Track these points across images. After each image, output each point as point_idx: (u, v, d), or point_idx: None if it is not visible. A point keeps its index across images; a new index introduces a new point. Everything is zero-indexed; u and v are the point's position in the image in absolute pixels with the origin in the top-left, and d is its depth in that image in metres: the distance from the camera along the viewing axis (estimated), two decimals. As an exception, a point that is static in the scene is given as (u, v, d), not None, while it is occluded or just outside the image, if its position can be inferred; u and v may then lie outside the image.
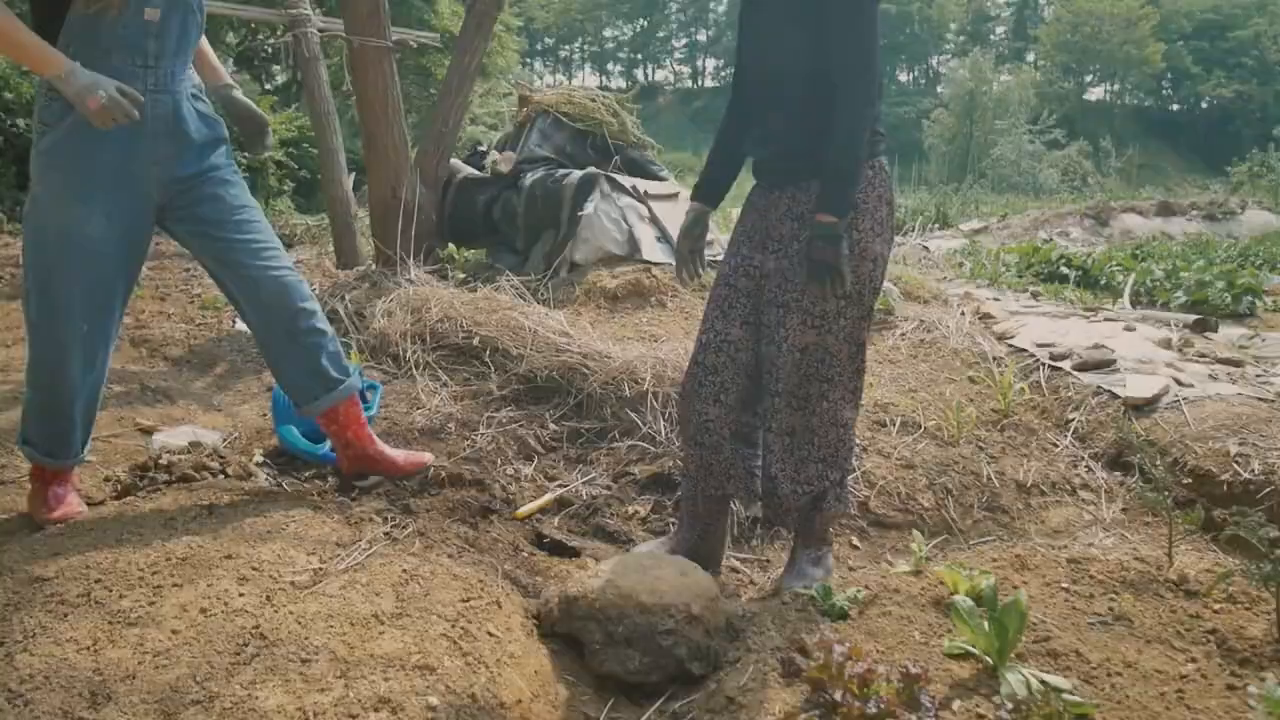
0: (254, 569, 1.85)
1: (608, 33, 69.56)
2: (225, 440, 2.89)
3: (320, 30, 5.62)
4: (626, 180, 5.22)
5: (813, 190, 2.09)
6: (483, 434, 3.04)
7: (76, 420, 2.19)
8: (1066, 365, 3.84)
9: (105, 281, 2.12)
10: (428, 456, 2.56)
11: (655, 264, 4.79)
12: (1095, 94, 57.38)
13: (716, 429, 2.27)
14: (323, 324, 2.34)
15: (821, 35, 2.01)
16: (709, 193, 2.39)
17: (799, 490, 2.23)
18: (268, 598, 1.76)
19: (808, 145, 2.07)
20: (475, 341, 3.63)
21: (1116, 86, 56.30)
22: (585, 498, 2.79)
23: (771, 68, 2.14)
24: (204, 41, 2.36)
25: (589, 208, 4.89)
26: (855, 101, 2.01)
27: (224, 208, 2.21)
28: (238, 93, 2.38)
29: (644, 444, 3.03)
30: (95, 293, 2.10)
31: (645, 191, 5.19)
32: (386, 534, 2.14)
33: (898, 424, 3.23)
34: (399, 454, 2.52)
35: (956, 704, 1.57)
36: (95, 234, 2.05)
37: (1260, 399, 3.32)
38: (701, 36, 68.00)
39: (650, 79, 67.67)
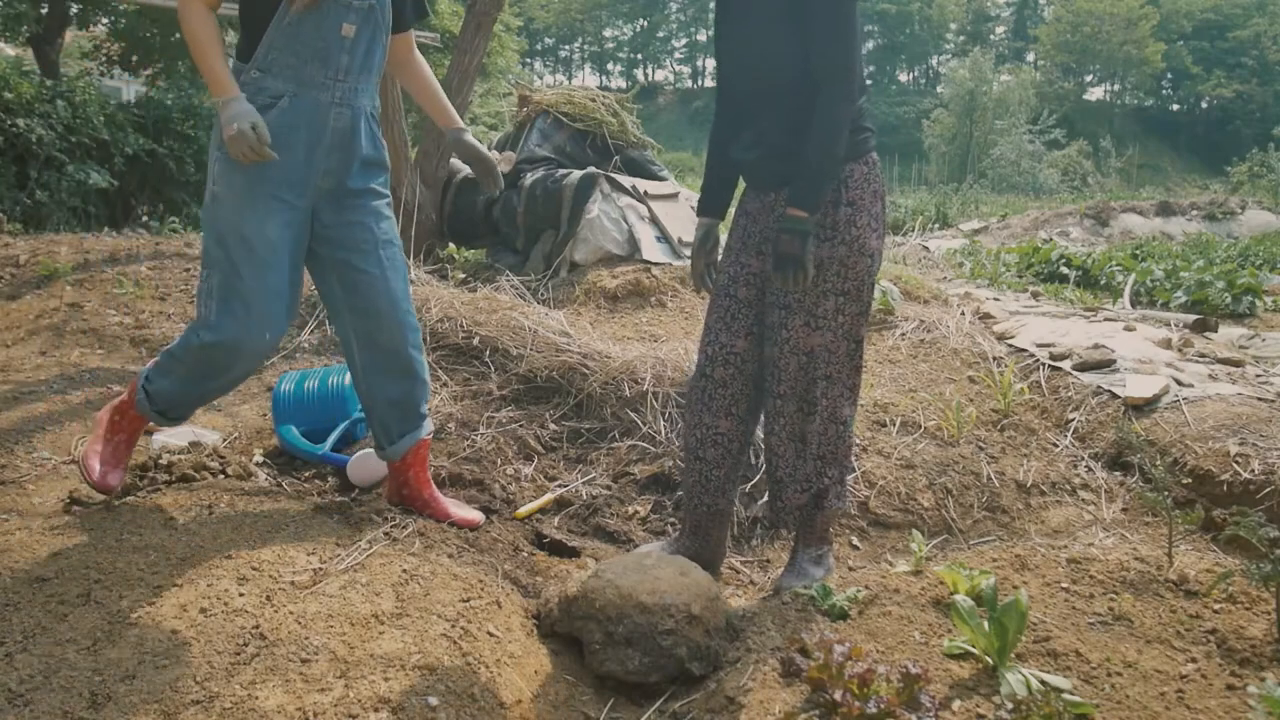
0: (254, 569, 1.85)
1: (608, 33, 69.60)
2: (225, 440, 2.88)
3: (320, 30, 5.61)
4: (626, 180, 5.22)
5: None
6: (483, 434, 3.04)
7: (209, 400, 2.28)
8: (1066, 365, 3.84)
9: (282, 285, 2.12)
10: (479, 517, 2.46)
11: (655, 264, 4.79)
12: (1095, 94, 57.42)
13: (726, 443, 2.27)
14: (424, 371, 2.35)
15: (801, 36, 2.01)
16: (714, 204, 2.38)
17: (799, 489, 2.23)
18: (268, 598, 1.76)
19: (798, 145, 2.06)
20: (475, 341, 3.63)
21: (1116, 86, 56.33)
22: (585, 498, 2.79)
23: (753, 72, 2.14)
24: (437, 85, 2.46)
25: (593, 210, 4.90)
26: (835, 99, 2.01)
27: (372, 239, 2.22)
28: (468, 135, 2.43)
29: (644, 444, 3.03)
30: (272, 296, 2.10)
31: (645, 191, 5.20)
32: (386, 534, 2.14)
33: (898, 424, 3.23)
34: (451, 504, 2.45)
35: (956, 704, 1.57)
36: (273, 236, 2.08)
37: (1260, 399, 3.32)
38: (701, 36, 67.97)
39: (650, 79, 67.70)
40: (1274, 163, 25.08)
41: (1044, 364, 3.91)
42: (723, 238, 2.39)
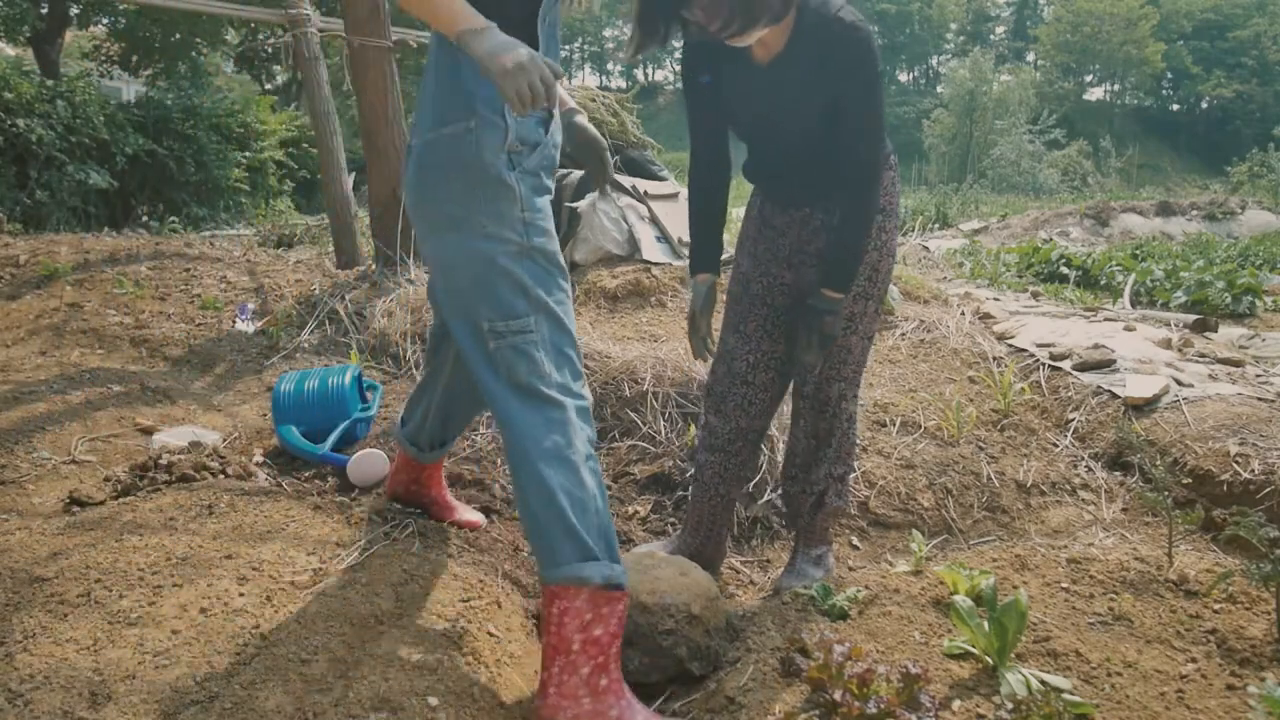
0: (254, 569, 1.85)
1: (608, 33, 69.58)
2: (225, 440, 2.88)
3: (320, 30, 5.62)
4: (626, 180, 5.22)
5: (835, 203, 2.09)
6: (482, 434, 3.03)
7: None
8: (1066, 365, 3.84)
9: None
10: (479, 519, 2.36)
11: (655, 264, 4.79)
12: (1095, 94, 57.42)
13: (755, 439, 2.31)
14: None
15: (834, 104, 1.94)
16: (710, 258, 2.23)
17: (808, 488, 2.26)
18: (268, 598, 1.76)
19: (827, 165, 2.04)
20: (475, 341, 3.63)
21: (1116, 86, 56.33)
22: (585, 498, 2.78)
23: (780, 126, 2.07)
24: None
25: (583, 204, 4.90)
26: (866, 192, 1.98)
27: None
28: (582, 118, 2.09)
29: (644, 444, 3.03)
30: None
31: (645, 191, 5.20)
32: (386, 534, 2.13)
33: (898, 424, 3.23)
34: (457, 504, 2.38)
35: (956, 704, 1.57)
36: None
37: (1260, 399, 3.32)
38: (701, 36, 67.79)
39: (650, 79, 67.69)
40: (1274, 163, 25.10)
41: (1044, 364, 3.90)
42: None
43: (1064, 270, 8.17)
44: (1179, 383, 3.51)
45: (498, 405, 1.65)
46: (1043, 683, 1.59)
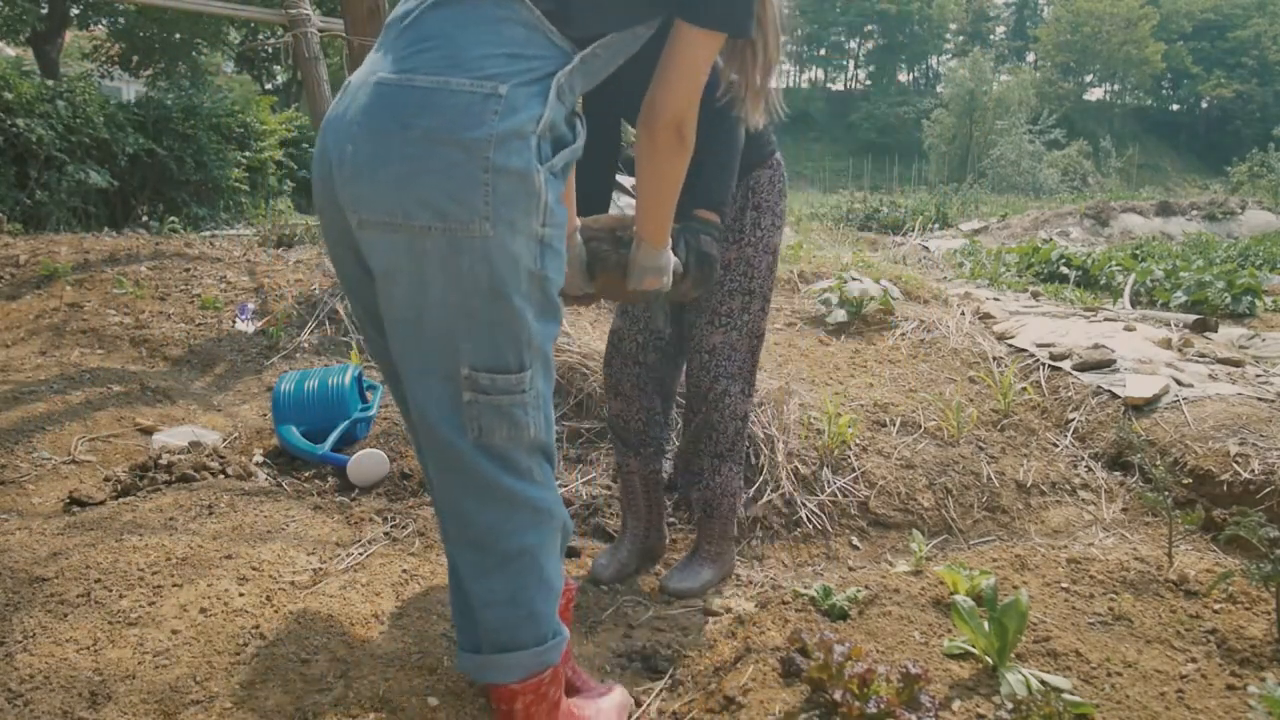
0: (254, 569, 1.85)
1: (608, 33, 69.48)
2: (225, 440, 2.88)
3: (320, 30, 5.62)
4: (627, 180, 5.21)
5: (762, 179, 2.10)
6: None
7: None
8: (1066, 365, 3.84)
9: None
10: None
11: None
12: (1095, 94, 57.47)
13: (660, 417, 2.37)
14: None
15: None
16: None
17: (694, 479, 2.32)
18: (268, 598, 1.76)
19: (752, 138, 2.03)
20: (475, 341, 3.62)
21: (1116, 86, 56.36)
22: (585, 498, 2.79)
23: None
24: None
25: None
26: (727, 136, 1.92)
27: None
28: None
29: (644, 444, 3.03)
30: None
31: (645, 191, 5.19)
32: (386, 534, 2.14)
33: (898, 424, 3.23)
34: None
35: (956, 704, 1.57)
36: None
37: (1260, 399, 3.32)
38: (701, 36, 67.79)
39: (650, 79, 67.54)
40: (1274, 163, 25.14)
41: (1044, 364, 3.90)
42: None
43: (1064, 270, 8.16)
44: (1179, 383, 3.51)
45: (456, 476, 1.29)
46: (1043, 683, 1.58)
